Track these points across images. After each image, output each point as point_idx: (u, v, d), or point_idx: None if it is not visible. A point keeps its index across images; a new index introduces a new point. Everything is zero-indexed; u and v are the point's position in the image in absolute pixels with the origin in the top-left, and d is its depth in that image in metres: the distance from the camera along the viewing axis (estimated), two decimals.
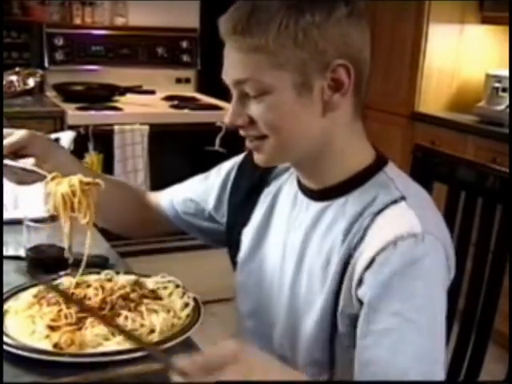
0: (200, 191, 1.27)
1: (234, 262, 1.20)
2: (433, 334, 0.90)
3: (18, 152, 1.14)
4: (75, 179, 1.06)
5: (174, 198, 1.31)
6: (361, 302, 0.93)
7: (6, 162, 1.12)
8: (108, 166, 2.91)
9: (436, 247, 0.93)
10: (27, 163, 1.14)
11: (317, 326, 1.01)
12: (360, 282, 0.93)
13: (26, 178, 1.16)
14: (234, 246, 1.19)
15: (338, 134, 1.00)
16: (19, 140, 1.14)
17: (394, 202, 0.96)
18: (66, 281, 1.10)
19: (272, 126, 0.97)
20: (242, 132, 1.02)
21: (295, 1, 0.93)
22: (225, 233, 1.23)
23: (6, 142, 1.12)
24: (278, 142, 0.98)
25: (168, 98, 3.46)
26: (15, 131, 1.15)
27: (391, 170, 1.04)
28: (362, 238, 0.95)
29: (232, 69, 0.97)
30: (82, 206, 1.05)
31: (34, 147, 1.15)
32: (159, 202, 1.33)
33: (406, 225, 0.92)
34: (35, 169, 1.12)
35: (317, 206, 1.04)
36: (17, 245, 1.27)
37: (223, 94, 1.00)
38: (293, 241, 1.07)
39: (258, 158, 1.04)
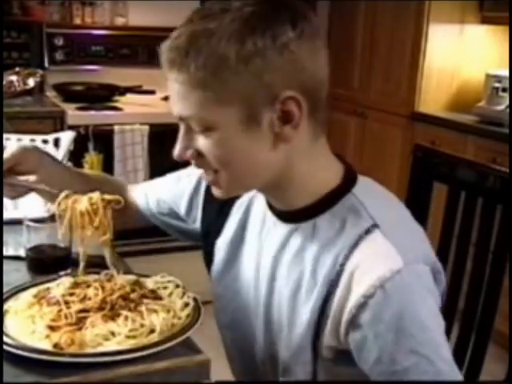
0: (172, 194, 1.25)
1: (208, 269, 1.19)
2: (447, 359, 0.89)
3: (13, 169, 1.13)
4: (96, 196, 1.06)
5: (148, 198, 1.29)
6: (355, 342, 0.92)
7: (12, 181, 1.13)
8: (108, 166, 2.91)
9: (420, 274, 0.91)
10: (30, 181, 1.15)
11: (295, 351, 1.00)
12: (351, 324, 0.91)
13: (23, 193, 1.17)
14: (208, 255, 1.18)
15: (297, 162, 0.95)
16: (11, 158, 1.13)
17: (367, 231, 0.92)
18: (66, 281, 1.10)
19: (221, 161, 0.93)
20: (193, 165, 0.98)
21: (236, 27, 0.86)
22: (200, 238, 1.21)
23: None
24: (231, 177, 0.95)
25: (168, 98, 3.45)
26: (6, 146, 1.15)
27: (361, 188, 0.98)
28: (338, 278, 0.92)
29: (174, 104, 0.93)
30: (103, 223, 1.05)
31: (28, 162, 1.15)
32: (136, 200, 1.30)
33: (386, 262, 0.89)
34: (44, 187, 1.13)
35: (284, 227, 1.01)
36: (17, 245, 1.26)
37: None
38: (264, 261, 1.05)
39: (215, 192, 1.00)
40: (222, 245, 1.14)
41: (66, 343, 0.91)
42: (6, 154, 1.13)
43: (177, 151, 0.96)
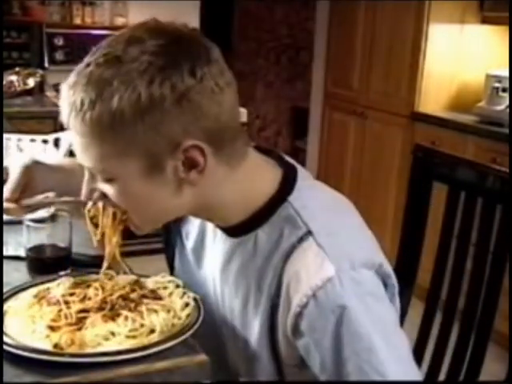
0: None
1: (171, 267, 1.19)
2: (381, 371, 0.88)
3: (25, 190, 1.11)
4: None
5: None
6: (301, 349, 0.93)
7: (31, 202, 1.11)
8: None
9: (358, 280, 0.89)
10: (51, 197, 1.14)
11: (255, 364, 1.01)
12: (296, 333, 0.92)
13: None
14: (171, 261, 1.18)
15: (214, 193, 0.93)
16: (19, 180, 1.10)
17: (301, 239, 0.91)
18: (66, 281, 1.10)
19: (127, 206, 0.93)
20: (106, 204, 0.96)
21: (132, 79, 0.82)
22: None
23: (10, 186, 1.09)
24: (141, 218, 0.95)
25: None
26: (9, 171, 1.13)
27: (298, 195, 0.95)
28: (279, 288, 0.93)
29: (76, 151, 0.91)
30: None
31: (37, 179, 1.12)
32: None
33: (317, 270, 0.88)
34: (68, 198, 1.13)
35: (229, 241, 1.00)
36: (17, 245, 1.26)
37: None
38: (216, 274, 1.05)
39: (134, 229, 0.99)
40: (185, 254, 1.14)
41: (65, 343, 0.91)
42: (12, 179, 1.10)
43: (83, 194, 0.95)
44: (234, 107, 0.91)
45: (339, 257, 0.90)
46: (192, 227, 1.12)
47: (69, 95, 0.87)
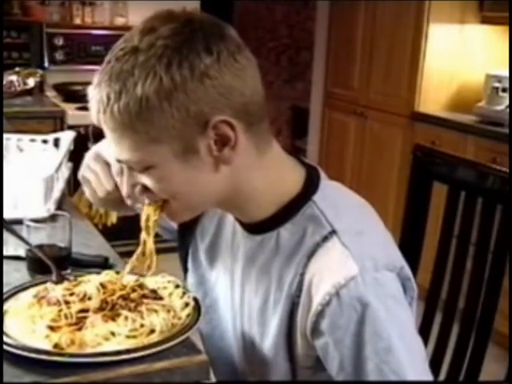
0: None
1: (185, 268, 1.19)
2: (414, 362, 0.90)
3: None
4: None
5: None
6: (320, 349, 0.93)
7: None
8: None
9: (380, 281, 0.90)
10: None
11: (270, 363, 1.00)
12: (315, 333, 0.92)
13: None
14: (184, 262, 1.18)
15: (246, 178, 0.94)
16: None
17: (325, 238, 0.92)
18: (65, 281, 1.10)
19: (167, 193, 0.93)
20: (145, 200, 0.97)
21: (151, 66, 0.84)
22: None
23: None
24: (181, 204, 0.95)
25: None
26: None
27: (322, 195, 0.97)
28: (300, 287, 0.93)
29: (110, 148, 0.93)
30: None
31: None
32: None
33: (341, 268, 0.89)
34: None
35: (251, 240, 1.01)
36: (17, 245, 1.26)
37: None
38: (236, 272, 1.05)
39: (171, 219, 1.01)
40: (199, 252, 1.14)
41: (65, 343, 0.91)
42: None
43: (125, 192, 0.97)
44: (257, 83, 0.92)
45: (363, 257, 0.90)
46: (210, 225, 1.12)
47: (94, 94, 0.89)
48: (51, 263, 1.12)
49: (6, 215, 1.33)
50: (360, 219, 0.98)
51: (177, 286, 1.08)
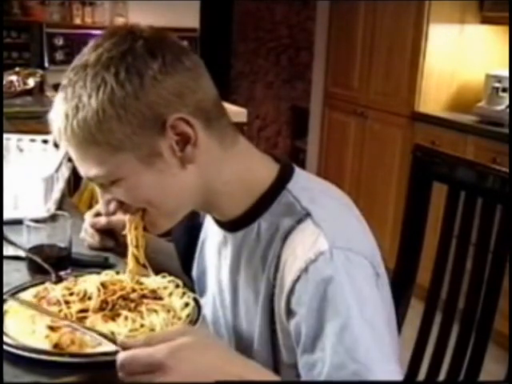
0: None
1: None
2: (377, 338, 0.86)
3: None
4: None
5: None
6: (293, 331, 0.91)
7: None
8: None
9: (350, 259, 0.88)
10: None
11: (258, 356, 0.99)
12: (288, 314, 0.91)
13: None
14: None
15: (216, 174, 0.95)
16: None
17: (299, 221, 0.92)
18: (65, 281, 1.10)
19: (141, 202, 0.94)
20: (126, 215, 0.99)
21: (100, 78, 0.86)
22: None
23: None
24: (158, 211, 0.96)
25: None
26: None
27: (296, 184, 0.98)
28: (276, 268, 0.93)
29: (77, 166, 0.94)
30: None
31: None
32: None
33: (312, 245, 0.89)
34: None
35: (233, 237, 1.01)
36: None
37: (222, 93, 0.99)
38: (223, 273, 1.06)
39: (152, 229, 1.01)
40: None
41: (65, 343, 0.91)
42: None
43: (103, 210, 0.98)
44: (207, 81, 0.93)
45: (335, 236, 0.90)
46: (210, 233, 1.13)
47: (54, 117, 0.92)
48: (48, 266, 1.12)
49: (6, 215, 1.33)
50: (334, 205, 0.99)
51: (177, 286, 1.09)
